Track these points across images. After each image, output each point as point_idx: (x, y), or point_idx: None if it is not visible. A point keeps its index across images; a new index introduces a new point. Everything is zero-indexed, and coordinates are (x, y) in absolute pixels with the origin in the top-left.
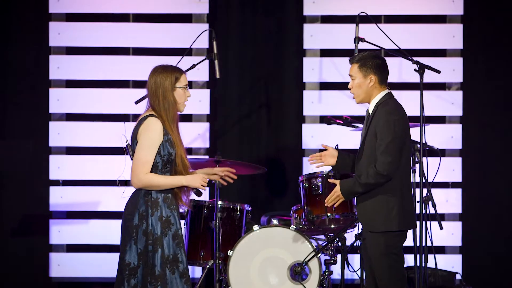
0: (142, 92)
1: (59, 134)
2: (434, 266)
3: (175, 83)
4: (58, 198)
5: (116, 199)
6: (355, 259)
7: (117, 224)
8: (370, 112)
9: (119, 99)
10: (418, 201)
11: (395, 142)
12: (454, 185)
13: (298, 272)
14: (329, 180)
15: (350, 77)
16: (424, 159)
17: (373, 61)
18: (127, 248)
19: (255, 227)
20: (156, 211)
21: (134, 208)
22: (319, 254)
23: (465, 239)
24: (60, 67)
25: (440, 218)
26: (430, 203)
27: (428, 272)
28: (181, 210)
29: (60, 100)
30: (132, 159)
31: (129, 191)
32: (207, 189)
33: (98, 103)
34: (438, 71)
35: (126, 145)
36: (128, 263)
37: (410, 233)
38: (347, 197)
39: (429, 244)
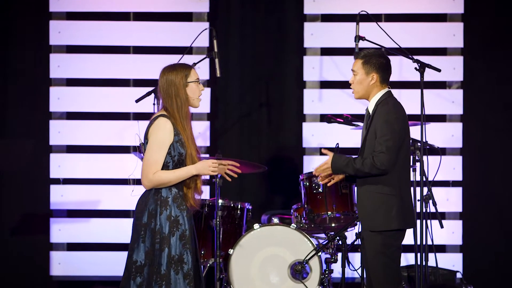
0: (143, 90)
1: (60, 132)
2: (434, 265)
3: (186, 78)
4: (59, 196)
5: (117, 198)
6: (355, 258)
7: (117, 222)
8: (370, 112)
9: (119, 97)
10: (418, 200)
11: (394, 139)
12: (454, 183)
13: (298, 270)
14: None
15: (352, 71)
16: (424, 157)
17: (377, 60)
18: (135, 246)
19: (256, 226)
20: (165, 210)
21: (144, 206)
22: (320, 253)
23: (466, 238)
24: (60, 65)
25: (440, 216)
26: (430, 201)
27: (428, 271)
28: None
29: (60, 99)
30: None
31: (138, 190)
32: (208, 187)
33: (99, 101)
34: (438, 70)
35: (140, 144)
36: (135, 261)
37: (410, 232)
38: (334, 172)
39: (429, 242)
